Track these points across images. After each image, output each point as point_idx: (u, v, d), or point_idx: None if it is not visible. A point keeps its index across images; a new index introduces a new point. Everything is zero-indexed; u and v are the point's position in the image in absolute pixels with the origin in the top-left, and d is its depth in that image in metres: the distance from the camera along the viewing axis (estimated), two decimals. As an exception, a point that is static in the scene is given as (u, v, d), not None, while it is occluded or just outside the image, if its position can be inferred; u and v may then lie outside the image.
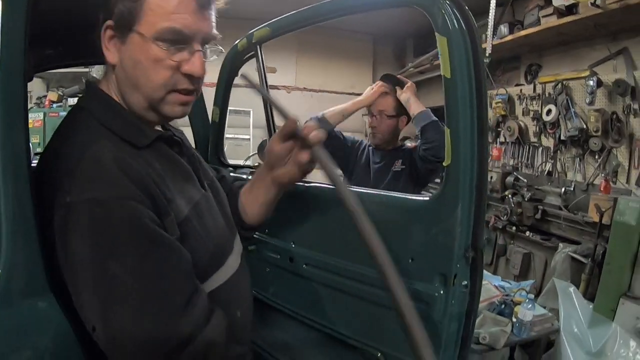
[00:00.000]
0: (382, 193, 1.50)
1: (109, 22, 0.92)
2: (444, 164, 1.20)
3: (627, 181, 3.52)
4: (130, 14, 0.89)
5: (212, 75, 1.18)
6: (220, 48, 1.02)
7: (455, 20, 1.13)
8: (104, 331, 0.81)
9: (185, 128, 1.44)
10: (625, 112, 3.36)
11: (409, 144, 2.73)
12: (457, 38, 1.13)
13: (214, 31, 0.98)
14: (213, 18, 0.98)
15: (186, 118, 1.32)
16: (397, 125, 2.44)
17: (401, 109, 2.37)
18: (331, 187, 1.16)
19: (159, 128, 1.05)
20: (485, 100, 1.16)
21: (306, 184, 1.71)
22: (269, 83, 6.12)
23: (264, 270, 1.77)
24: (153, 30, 0.90)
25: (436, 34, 1.16)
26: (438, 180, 2.47)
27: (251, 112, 5.22)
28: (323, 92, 6.13)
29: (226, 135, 4.72)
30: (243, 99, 2.87)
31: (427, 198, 1.31)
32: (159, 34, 0.90)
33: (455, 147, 1.16)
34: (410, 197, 1.43)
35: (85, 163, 0.84)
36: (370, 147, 2.54)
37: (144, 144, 0.95)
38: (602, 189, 3.43)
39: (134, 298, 0.81)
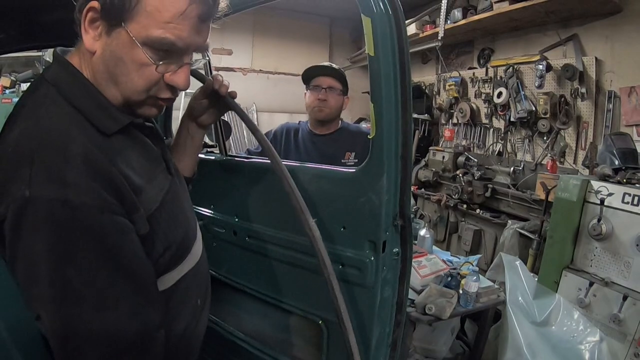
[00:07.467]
0: (313, 166, 1.54)
1: (94, 3, 0.80)
2: (369, 136, 1.25)
3: (574, 161, 3.67)
4: (122, 5, 0.79)
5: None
6: (207, 59, 0.97)
7: (379, 2, 1.18)
8: (50, 324, 0.76)
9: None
10: (573, 96, 3.50)
11: (366, 125, 2.61)
12: (380, 18, 1.18)
13: (207, 42, 0.90)
14: (209, 28, 0.89)
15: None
16: (342, 103, 2.35)
17: (346, 89, 2.33)
18: (267, 161, 1.26)
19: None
20: (408, 76, 1.22)
21: (246, 159, 1.75)
22: (226, 65, 5.97)
23: (210, 245, 1.79)
24: (144, 34, 0.80)
25: (361, 14, 1.21)
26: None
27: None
28: (279, 74, 6.00)
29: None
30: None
31: (355, 169, 1.36)
32: (149, 41, 0.81)
33: (379, 121, 1.22)
34: (338, 169, 1.48)
35: (49, 152, 0.74)
36: (305, 133, 2.38)
37: (113, 131, 0.86)
38: (549, 168, 3.58)
39: (83, 305, 0.76)
